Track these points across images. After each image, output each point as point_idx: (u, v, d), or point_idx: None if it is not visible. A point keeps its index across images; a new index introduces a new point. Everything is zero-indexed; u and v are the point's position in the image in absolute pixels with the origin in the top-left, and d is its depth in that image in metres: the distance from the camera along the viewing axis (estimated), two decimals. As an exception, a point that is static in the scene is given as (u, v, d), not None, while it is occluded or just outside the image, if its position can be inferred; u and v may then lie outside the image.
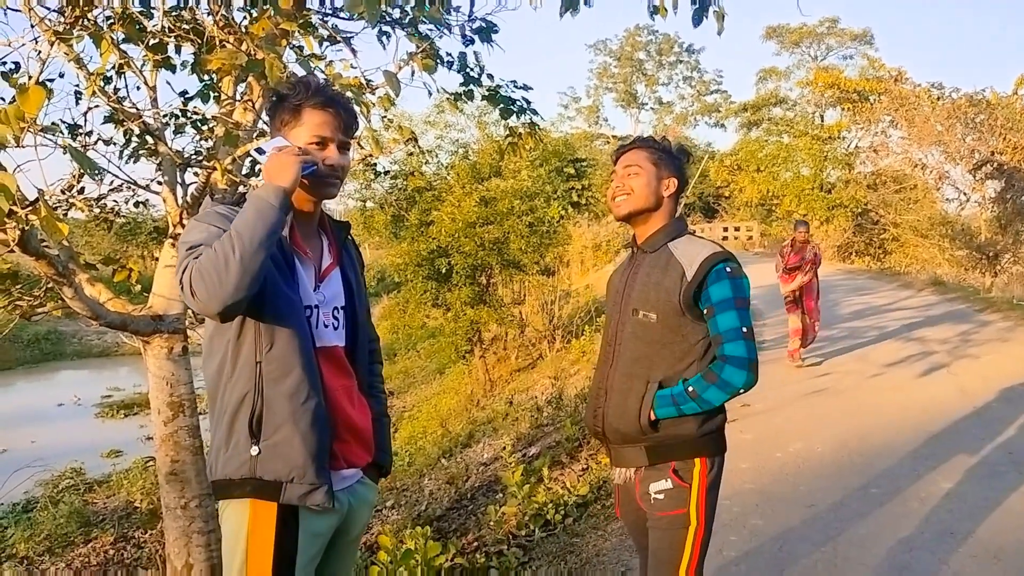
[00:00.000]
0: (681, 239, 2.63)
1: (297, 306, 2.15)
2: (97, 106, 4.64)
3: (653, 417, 2.52)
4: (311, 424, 2.13)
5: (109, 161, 4.61)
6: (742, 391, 2.48)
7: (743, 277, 2.55)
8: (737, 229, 35.32)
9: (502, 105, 5.35)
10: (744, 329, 2.48)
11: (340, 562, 2.38)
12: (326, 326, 2.26)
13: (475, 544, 5.41)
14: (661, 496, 2.56)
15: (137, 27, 3.90)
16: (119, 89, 4.58)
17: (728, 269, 2.51)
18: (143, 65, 4.32)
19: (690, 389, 2.47)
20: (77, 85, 4.78)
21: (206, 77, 4.75)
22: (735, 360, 2.46)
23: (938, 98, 22.34)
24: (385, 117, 5.56)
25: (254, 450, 2.10)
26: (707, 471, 2.56)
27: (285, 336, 2.10)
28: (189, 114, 5.04)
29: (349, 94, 3.58)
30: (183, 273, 1.94)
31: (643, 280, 2.61)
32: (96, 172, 2.77)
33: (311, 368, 2.15)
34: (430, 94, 4.72)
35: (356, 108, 2.35)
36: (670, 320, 2.53)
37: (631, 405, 2.55)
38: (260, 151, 2.16)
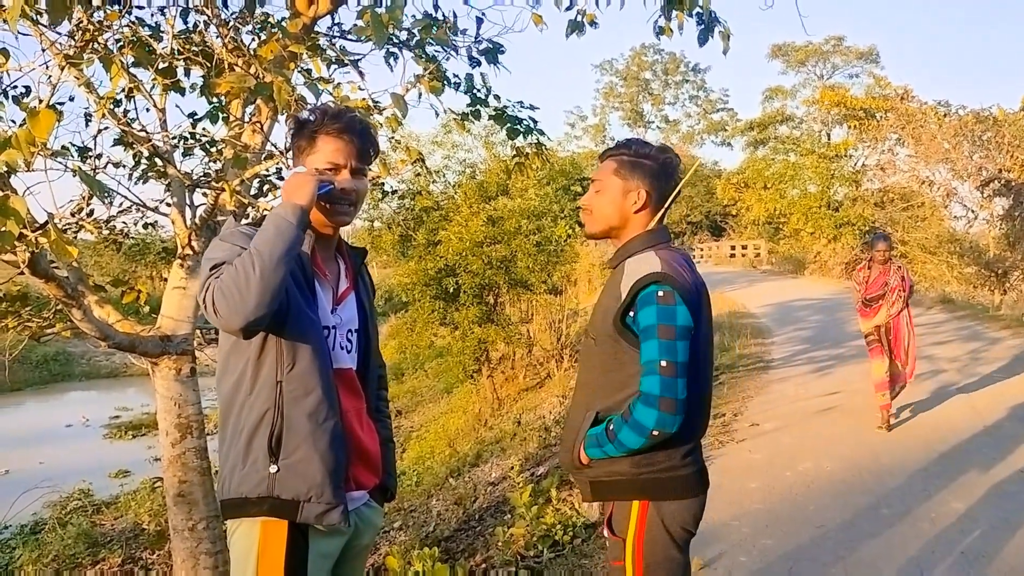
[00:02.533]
0: (637, 256, 2.35)
1: (318, 326, 2.18)
2: (107, 128, 4.67)
3: (584, 458, 2.35)
4: (329, 444, 2.15)
5: (119, 183, 4.65)
6: (655, 433, 2.19)
7: (676, 304, 2.23)
8: (744, 247, 35.33)
9: (509, 125, 5.37)
10: (663, 363, 2.18)
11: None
12: (342, 348, 2.29)
13: (483, 565, 5.38)
14: (609, 544, 2.47)
15: (147, 51, 3.93)
16: (128, 112, 4.62)
17: (660, 293, 2.23)
18: (152, 88, 4.35)
19: (610, 428, 2.26)
20: (87, 108, 4.82)
21: (215, 99, 4.79)
22: (645, 396, 2.19)
23: (944, 115, 22.31)
24: (392, 138, 5.58)
25: (272, 468, 2.11)
26: (645, 518, 2.33)
27: (307, 356, 2.13)
28: (198, 136, 5.07)
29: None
30: (205, 292, 1.97)
31: (598, 301, 2.43)
32: (105, 195, 2.79)
33: (330, 389, 2.17)
34: (437, 115, 4.76)
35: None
36: (607, 345, 2.33)
37: (569, 436, 2.41)
38: (281, 178, 2.21)
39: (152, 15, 4.47)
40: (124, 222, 5.83)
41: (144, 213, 5.55)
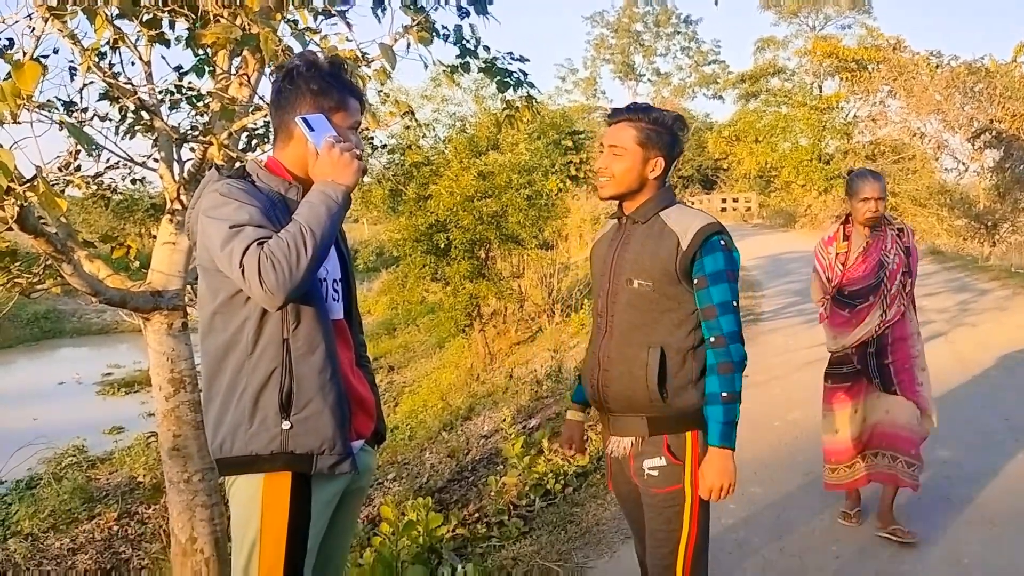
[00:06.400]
0: (672, 208, 2.59)
1: (316, 281, 2.19)
2: (92, 82, 4.63)
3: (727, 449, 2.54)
4: (337, 397, 2.19)
5: (106, 138, 4.60)
6: (744, 364, 2.55)
7: (735, 250, 2.55)
8: (736, 200, 35.31)
9: (499, 78, 5.32)
10: (735, 303, 2.51)
11: (342, 526, 2.43)
12: (332, 299, 2.30)
13: (476, 515, 5.46)
14: (655, 473, 2.57)
15: (131, 2, 3.87)
16: (114, 65, 4.56)
17: (722, 241, 2.50)
18: (137, 40, 4.29)
19: (725, 395, 2.49)
20: (72, 61, 4.76)
21: (201, 52, 4.73)
22: (733, 335, 2.50)
23: (937, 66, 22.19)
24: (381, 91, 5.54)
25: (285, 425, 2.13)
26: (699, 445, 2.57)
27: (310, 312, 2.15)
28: (184, 89, 5.02)
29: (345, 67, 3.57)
30: (244, 257, 1.94)
31: (636, 250, 2.58)
32: (94, 148, 2.78)
33: (331, 342, 2.20)
34: (426, 67, 4.70)
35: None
36: (666, 288, 2.51)
37: (637, 373, 2.53)
38: (308, 124, 2.17)
39: (136, -35, 4.39)
40: (112, 177, 5.81)
41: (132, 168, 5.52)
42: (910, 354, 4.15)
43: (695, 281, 2.50)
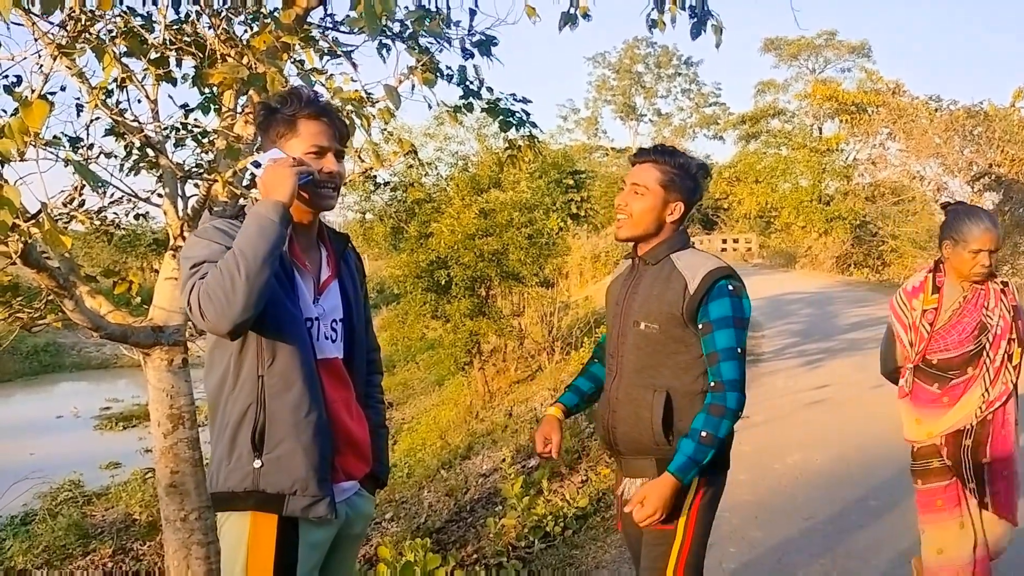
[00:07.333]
0: (684, 252, 2.59)
1: (298, 320, 2.16)
2: (98, 119, 4.67)
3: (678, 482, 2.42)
4: (313, 437, 2.14)
5: (111, 174, 4.63)
6: (739, 413, 2.50)
7: (744, 297, 2.53)
8: (736, 241, 35.38)
9: (501, 117, 5.37)
10: (739, 350, 2.47)
11: (338, 573, 2.38)
12: (327, 338, 2.27)
13: (475, 556, 5.41)
14: None
15: (139, 41, 3.93)
16: (120, 102, 4.60)
17: (730, 287, 2.49)
18: (144, 78, 4.34)
19: (704, 434, 2.42)
20: (78, 98, 4.80)
21: (207, 90, 4.78)
22: (733, 383, 2.46)
23: (936, 110, 22.32)
24: (385, 130, 5.58)
25: (257, 463, 2.11)
26: (703, 490, 2.55)
27: (287, 350, 2.12)
28: (190, 127, 5.06)
29: (350, 107, 3.61)
30: (190, 294, 1.98)
31: (645, 292, 2.58)
32: (100, 185, 2.79)
33: (312, 381, 2.16)
34: (430, 107, 4.75)
35: (357, 121, 2.38)
36: (673, 331, 2.51)
37: (643, 415, 2.53)
38: (257, 164, 2.17)
39: (144, 4, 4.45)
40: (115, 213, 5.82)
41: (136, 204, 5.53)
42: (1010, 452, 3.16)
43: (700, 326, 2.48)
